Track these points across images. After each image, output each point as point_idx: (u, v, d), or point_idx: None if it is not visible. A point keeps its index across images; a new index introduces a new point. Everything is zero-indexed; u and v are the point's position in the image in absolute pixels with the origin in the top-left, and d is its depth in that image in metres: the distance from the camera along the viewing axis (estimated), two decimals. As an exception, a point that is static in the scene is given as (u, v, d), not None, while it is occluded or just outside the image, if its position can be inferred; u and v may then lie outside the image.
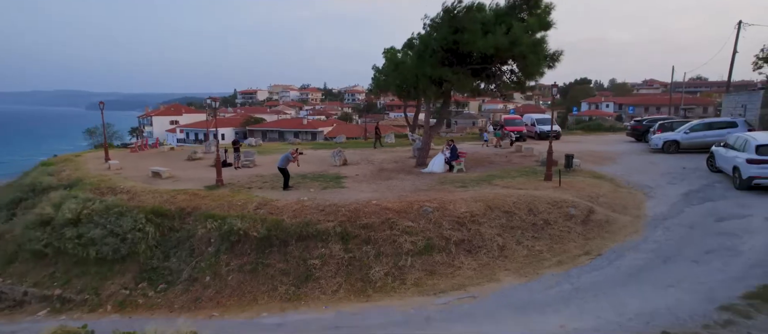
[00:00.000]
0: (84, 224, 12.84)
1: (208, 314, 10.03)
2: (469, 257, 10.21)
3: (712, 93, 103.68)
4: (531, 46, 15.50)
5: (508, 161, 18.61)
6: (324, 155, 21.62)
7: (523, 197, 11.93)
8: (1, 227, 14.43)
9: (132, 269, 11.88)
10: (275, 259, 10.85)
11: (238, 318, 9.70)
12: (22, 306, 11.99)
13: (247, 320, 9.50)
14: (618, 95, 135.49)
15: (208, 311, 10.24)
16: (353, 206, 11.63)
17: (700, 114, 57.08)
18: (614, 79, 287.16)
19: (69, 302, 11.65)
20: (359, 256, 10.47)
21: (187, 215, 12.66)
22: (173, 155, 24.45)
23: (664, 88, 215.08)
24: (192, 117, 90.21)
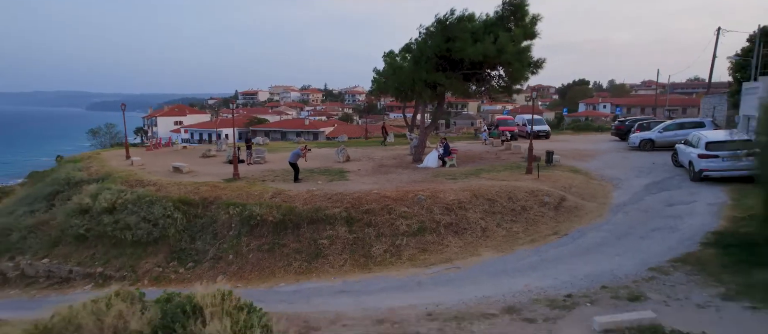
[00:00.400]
0: (119, 211, 14.66)
1: (233, 286, 11.80)
2: (456, 237, 12.00)
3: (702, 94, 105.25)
4: (516, 54, 17.32)
5: (498, 158, 20.43)
6: (328, 153, 23.42)
7: (505, 187, 13.73)
8: (44, 215, 16.23)
9: (163, 250, 13.67)
10: (289, 239, 12.64)
11: (259, 288, 11.48)
12: (69, 282, 13.79)
13: (267, 289, 11.28)
14: (615, 96, 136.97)
15: (232, 283, 11.97)
16: (356, 195, 13.43)
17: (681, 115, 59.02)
18: (613, 80, 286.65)
19: (110, 278, 13.45)
20: (362, 236, 12.26)
21: (209, 204, 14.45)
22: (186, 153, 26.25)
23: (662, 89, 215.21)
24: (195, 118, 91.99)
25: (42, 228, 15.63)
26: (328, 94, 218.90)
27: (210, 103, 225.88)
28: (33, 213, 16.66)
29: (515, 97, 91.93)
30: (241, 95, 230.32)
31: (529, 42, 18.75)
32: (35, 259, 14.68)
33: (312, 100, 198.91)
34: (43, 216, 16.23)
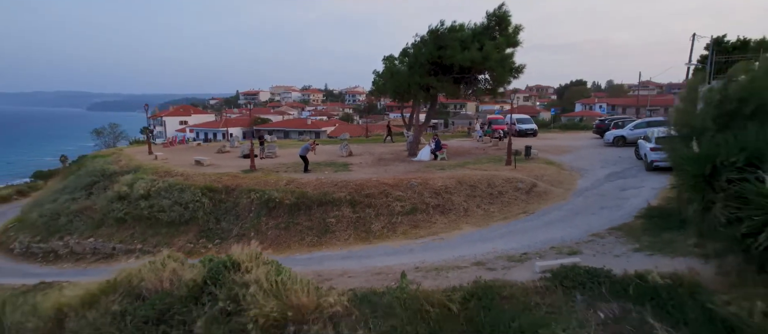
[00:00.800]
0: (154, 197, 17.03)
1: (256, 257, 14.16)
2: (442, 216, 14.36)
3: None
4: (499, 61, 19.69)
5: (485, 152, 22.80)
6: (332, 149, 25.81)
7: (486, 175, 16.09)
8: (86, 202, 18.60)
9: (193, 229, 16.03)
10: (302, 219, 15.01)
11: (278, 258, 13.83)
12: (113, 257, 16.15)
13: (284, 258, 13.62)
14: (612, 96, 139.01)
15: (255, 255, 14.36)
16: (358, 182, 15.80)
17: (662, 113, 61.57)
18: (612, 81, 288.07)
19: (148, 253, 15.77)
20: (363, 216, 14.63)
21: (232, 191, 16.82)
22: (202, 149, 28.64)
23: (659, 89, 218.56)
24: (200, 118, 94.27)
25: (85, 212, 18.01)
26: (328, 95, 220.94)
27: (211, 103, 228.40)
28: (75, 200, 19.04)
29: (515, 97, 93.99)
30: (243, 95, 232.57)
31: (512, 49, 21.14)
32: (82, 238, 17.06)
33: (313, 100, 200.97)
34: (85, 202, 18.61)
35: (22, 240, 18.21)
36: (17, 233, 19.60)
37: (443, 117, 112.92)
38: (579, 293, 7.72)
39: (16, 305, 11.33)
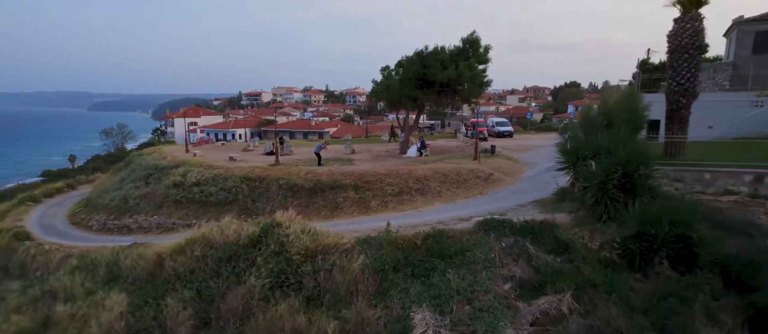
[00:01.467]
0: (203, 184, 22.34)
1: (285, 226, 19.43)
2: (421, 196, 19.65)
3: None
4: (471, 77, 25.00)
5: (462, 151, 28.10)
6: (338, 147, 31.13)
7: (455, 167, 21.40)
8: (146, 189, 23.92)
9: (235, 208, 21.30)
10: (318, 199, 20.29)
11: (301, 227, 19.10)
12: (173, 230, 21.41)
13: (307, 227, 18.89)
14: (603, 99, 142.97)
15: (283, 225, 19.63)
16: (360, 172, 21.09)
17: None
18: (608, 82, 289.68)
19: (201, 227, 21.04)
20: (364, 197, 19.90)
21: (263, 179, 22.10)
22: (227, 147, 33.98)
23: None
24: (208, 119, 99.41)
25: (148, 197, 23.31)
26: (329, 95, 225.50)
27: (215, 104, 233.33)
28: (137, 188, 24.36)
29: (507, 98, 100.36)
30: (245, 96, 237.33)
31: (483, 66, 26.47)
32: (147, 216, 22.37)
33: (314, 101, 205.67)
34: (146, 189, 23.93)
35: (98, 219, 23.54)
36: (89, 214, 24.96)
37: (441, 118, 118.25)
38: (492, 233, 13.05)
39: (126, 254, 16.67)
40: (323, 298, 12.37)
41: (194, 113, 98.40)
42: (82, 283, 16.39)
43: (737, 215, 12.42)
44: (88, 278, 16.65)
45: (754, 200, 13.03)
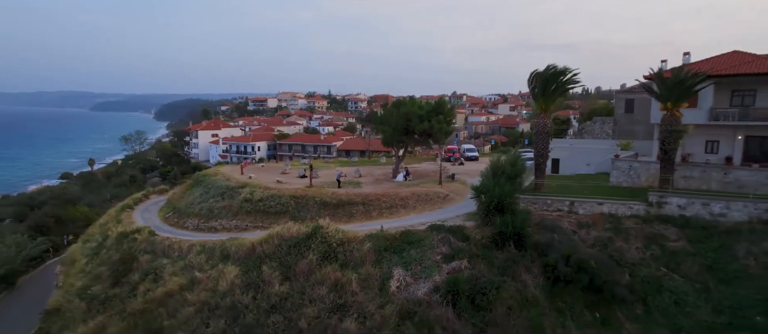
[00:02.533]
0: (265, 200, 35.02)
1: (319, 227, 32.19)
2: (402, 209, 32.36)
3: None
4: (439, 130, 37.73)
5: (436, 173, 40.79)
6: (348, 171, 43.85)
7: (425, 190, 34.13)
8: (224, 202, 36.60)
9: (287, 216, 33.94)
10: (340, 211, 32.96)
11: (330, 228, 31.86)
12: (247, 230, 34.05)
13: (334, 228, 31.66)
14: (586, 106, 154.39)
15: (318, 227, 32.38)
16: (366, 193, 33.85)
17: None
18: (600, 87, 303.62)
19: (266, 228, 33.76)
20: (368, 209, 32.61)
21: (303, 197, 34.77)
22: (268, 169, 46.73)
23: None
24: (227, 131, 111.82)
25: (226, 208, 35.98)
26: (332, 101, 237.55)
27: (223, 109, 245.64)
28: (217, 201, 37.00)
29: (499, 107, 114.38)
30: (252, 102, 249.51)
31: (450, 118, 39.21)
32: (228, 221, 35.03)
33: (318, 107, 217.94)
34: (224, 202, 36.62)
35: (192, 222, 36.23)
36: (180, 218, 37.64)
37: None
38: (435, 231, 25.84)
39: (230, 243, 29.33)
40: (349, 264, 25.01)
41: (214, 125, 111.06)
42: (207, 260, 29.08)
43: (553, 222, 25.11)
44: (209, 257, 29.32)
45: (568, 215, 25.74)
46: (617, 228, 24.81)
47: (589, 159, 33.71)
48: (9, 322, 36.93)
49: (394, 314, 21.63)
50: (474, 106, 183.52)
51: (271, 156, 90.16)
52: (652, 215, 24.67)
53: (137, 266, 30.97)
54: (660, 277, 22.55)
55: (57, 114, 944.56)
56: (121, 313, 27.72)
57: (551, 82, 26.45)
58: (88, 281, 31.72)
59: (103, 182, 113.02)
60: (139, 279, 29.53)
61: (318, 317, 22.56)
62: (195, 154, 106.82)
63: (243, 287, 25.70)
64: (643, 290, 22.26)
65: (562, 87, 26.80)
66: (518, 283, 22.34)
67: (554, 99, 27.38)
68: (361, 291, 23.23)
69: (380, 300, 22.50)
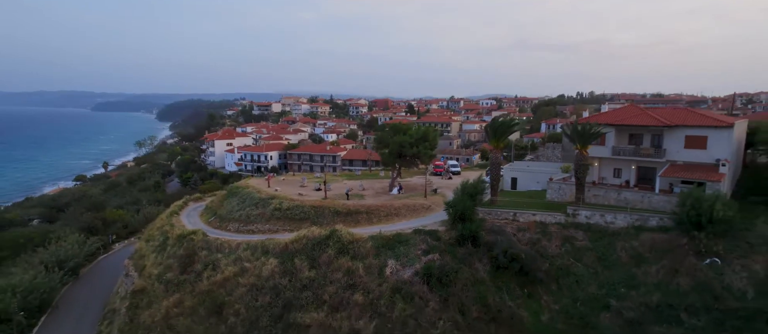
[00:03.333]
0: (291, 209, 46.11)
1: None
2: (396, 217, 43.45)
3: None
4: (425, 154, 48.89)
5: (423, 188, 51.88)
6: (353, 184, 54.97)
7: (413, 202, 45.25)
8: (258, 211, 47.67)
9: (308, 222, 44.97)
10: (349, 218, 44.03)
11: (341, 231, 42.97)
12: (277, 232, 45.11)
13: (344, 231, 42.78)
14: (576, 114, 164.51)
15: (333, 230, 43.48)
16: (368, 203, 45.00)
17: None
18: (593, 92, 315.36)
19: (294, 231, 44.82)
20: (370, 217, 43.70)
21: (321, 207, 45.86)
22: (288, 182, 57.82)
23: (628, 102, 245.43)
24: (241, 140, 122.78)
25: (260, 215, 47.04)
26: (334, 106, 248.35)
27: (229, 114, 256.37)
28: (253, 210, 48.04)
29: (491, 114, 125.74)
30: (256, 106, 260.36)
31: (434, 144, 50.33)
32: (262, 225, 46.07)
33: (320, 112, 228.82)
34: (258, 211, 47.70)
35: (233, 225, 47.28)
36: (222, 223, 48.73)
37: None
38: (417, 233, 37.05)
39: (269, 242, 40.58)
40: (357, 257, 36.04)
41: (228, 135, 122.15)
42: (252, 254, 40.14)
43: (499, 227, 36.13)
44: (253, 252, 40.35)
45: (511, 222, 36.78)
46: (544, 231, 35.88)
47: (538, 179, 44.50)
48: (81, 302, 48.61)
49: (388, 290, 32.67)
50: (470, 112, 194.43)
51: (282, 164, 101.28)
52: (569, 222, 35.71)
53: (198, 259, 41.98)
54: (569, 265, 33.63)
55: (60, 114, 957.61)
56: (191, 292, 38.79)
57: (500, 129, 37.53)
58: (161, 270, 42.75)
59: (126, 186, 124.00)
60: (201, 268, 40.56)
61: (336, 292, 33.63)
62: (211, 161, 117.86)
63: (281, 273, 36.71)
64: (556, 274, 33.34)
65: (508, 131, 37.82)
66: (472, 269, 33.46)
67: (503, 139, 38.40)
68: (366, 275, 34.27)
69: (379, 281, 33.56)
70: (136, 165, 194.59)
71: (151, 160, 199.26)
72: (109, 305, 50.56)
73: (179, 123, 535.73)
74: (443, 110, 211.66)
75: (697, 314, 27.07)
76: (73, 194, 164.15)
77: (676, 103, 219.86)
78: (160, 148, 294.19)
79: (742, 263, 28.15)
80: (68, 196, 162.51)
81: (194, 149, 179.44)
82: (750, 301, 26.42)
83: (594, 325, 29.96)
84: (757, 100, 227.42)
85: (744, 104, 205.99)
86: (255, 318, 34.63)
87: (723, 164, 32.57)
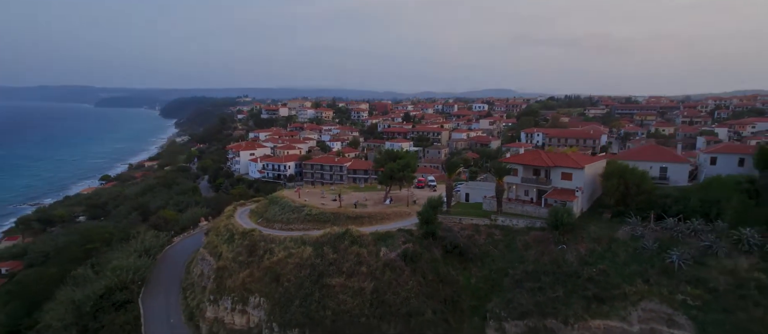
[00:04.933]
0: (317, 214, 70.14)
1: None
2: (387, 220, 67.30)
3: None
4: (408, 177, 72.81)
5: (405, 200, 75.66)
6: (359, 196, 78.94)
7: (399, 210, 69.18)
8: (294, 215, 71.54)
9: (330, 223, 68.81)
10: (357, 221, 67.89)
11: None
12: (309, 230, 68.95)
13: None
14: (551, 126, 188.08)
15: (346, 228, 67.36)
16: (369, 211, 69.07)
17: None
18: (579, 96, 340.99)
19: (320, 229, 68.63)
20: (371, 220, 67.59)
21: (338, 213, 69.80)
22: (311, 193, 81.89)
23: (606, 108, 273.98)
24: (260, 151, 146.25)
25: (296, 218, 70.90)
26: (337, 111, 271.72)
27: (239, 118, 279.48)
28: (291, 214, 71.85)
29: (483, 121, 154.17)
30: (265, 110, 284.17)
31: (415, 169, 74.16)
32: (298, 225, 69.87)
33: (324, 117, 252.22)
34: (294, 215, 71.63)
35: (278, 225, 71.20)
36: (269, 223, 72.74)
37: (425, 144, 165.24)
38: (400, 232, 61.15)
39: (306, 236, 64.96)
40: (362, 246, 59.94)
41: (250, 146, 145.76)
42: (294, 244, 64.15)
43: (450, 227, 59.83)
44: (295, 243, 64.31)
45: (458, 224, 60.53)
46: (476, 230, 59.57)
47: (483, 193, 67.72)
48: (163, 278, 73.92)
49: (381, 265, 56.45)
50: (461, 119, 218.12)
51: (297, 173, 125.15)
52: (492, 224, 59.37)
53: (258, 247, 65.77)
54: (489, 250, 57.34)
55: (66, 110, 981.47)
56: (257, 268, 62.71)
57: (451, 167, 61.20)
58: (233, 254, 66.55)
59: (162, 189, 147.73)
60: (262, 253, 64.41)
61: (350, 266, 57.44)
62: (236, 169, 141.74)
63: (315, 256, 60.57)
64: (481, 256, 57.09)
65: (455, 168, 61.45)
66: (431, 252, 57.30)
67: (454, 172, 61.92)
68: (368, 256, 58.02)
69: (376, 260, 57.34)
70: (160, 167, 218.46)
71: (173, 161, 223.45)
72: (186, 280, 75.27)
73: (185, 121, 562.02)
74: (437, 116, 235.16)
75: (548, 275, 50.86)
76: (108, 194, 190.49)
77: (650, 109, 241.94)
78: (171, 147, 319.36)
79: (575, 248, 51.91)
80: (105, 195, 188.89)
81: (215, 153, 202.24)
82: (574, 267, 50.20)
83: (499, 283, 53.79)
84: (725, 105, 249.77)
85: (711, 111, 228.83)
86: (300, 283, 58.49)
87: (578, 190, 56.10)
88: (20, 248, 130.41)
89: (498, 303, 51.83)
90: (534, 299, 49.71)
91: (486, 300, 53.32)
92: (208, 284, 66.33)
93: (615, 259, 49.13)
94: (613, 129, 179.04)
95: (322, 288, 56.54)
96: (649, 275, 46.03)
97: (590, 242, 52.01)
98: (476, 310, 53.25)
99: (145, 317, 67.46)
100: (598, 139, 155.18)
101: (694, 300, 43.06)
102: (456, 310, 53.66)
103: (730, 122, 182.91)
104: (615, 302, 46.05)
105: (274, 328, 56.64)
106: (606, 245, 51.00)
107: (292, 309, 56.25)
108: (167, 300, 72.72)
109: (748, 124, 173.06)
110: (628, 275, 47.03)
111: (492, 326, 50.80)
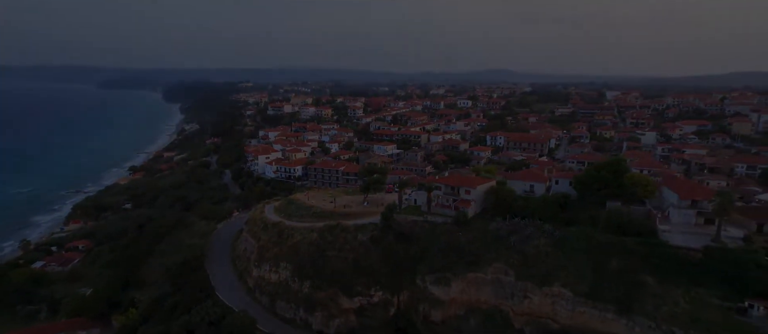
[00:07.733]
0: (320, 213, 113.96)
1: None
2: (364, 216, 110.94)
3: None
4: (380, 185, 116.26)
5: (380, 200, 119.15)
6: (347, 199, 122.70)
7: (372, 209, 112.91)
8: (306, 212, 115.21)
9: (329, 218, 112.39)
10: (346, 217, 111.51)
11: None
12: (316, 223, 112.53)
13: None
14: (512, 130, 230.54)
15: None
16: (354, 210, 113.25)
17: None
18: (559, 86, 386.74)
19: (323, 222, 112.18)
20: (355, 215, 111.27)
21: (333, 211, 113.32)
22: (315, 196, 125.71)
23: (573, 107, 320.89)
24: (274, 155, 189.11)
25: (312, 214, 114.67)
26: (335, 109, 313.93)
27: (248, 114, 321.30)
28: (307, 212, 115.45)
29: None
30: (271, 107, 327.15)
31: (386, 177, 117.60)
32: (308, 219, 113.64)
33: (324, 115, 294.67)
34: (306, 212, 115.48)
35: (295, 219, 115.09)
36: (290, 217, 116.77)
37: (406, 147, 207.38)
38: (370, 224, 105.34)
39: (313, 226, 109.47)
40: (348, 232, 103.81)
41: (264, 151, 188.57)
42: (308, 231, 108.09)
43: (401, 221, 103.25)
44: (308, 230, 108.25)
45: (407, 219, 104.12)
46: (415, 223, 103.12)
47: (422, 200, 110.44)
48: (215, 254, 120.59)
49: (358, 244, 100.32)
50: (441, 120, 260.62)
51: (304, 174, 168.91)
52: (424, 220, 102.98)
53: (285, 233, 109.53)
54: (421, 235, 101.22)
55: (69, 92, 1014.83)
56: (285, 246, 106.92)
57: (369, 182, 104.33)
58: (268, 237, 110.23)
59: (196, 185, 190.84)
60: (287, 236, 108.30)
61: (341, 245, 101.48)
62: (255, 169, 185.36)
63: (319, 239, 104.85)
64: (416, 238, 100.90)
65: (374, 182, 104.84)
66: (388, 237, 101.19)
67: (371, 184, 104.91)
68: (351, 239, 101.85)
69: (356, 241, 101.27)
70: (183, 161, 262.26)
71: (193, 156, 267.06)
72: (233, 253, 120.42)
73: (190, 107, 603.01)
74: (422, 115, 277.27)
75: (451, 249, 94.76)
76: (146, 185, 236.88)
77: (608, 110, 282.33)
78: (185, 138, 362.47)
79: (467, 234, 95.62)
80: (142, 186, 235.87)
81: (231, 149, 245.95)
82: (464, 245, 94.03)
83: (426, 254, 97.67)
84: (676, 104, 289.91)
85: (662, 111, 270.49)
86: (310, 254, 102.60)
87: (472, 202, 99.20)
88: (87, 231, 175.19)
89: (424, 265, 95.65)
90: (442, 263, 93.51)
91: (419, 264, 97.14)
92: (252, 256, 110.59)
93: (484, 239, 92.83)
94: (565, 131, 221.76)
95: (323, 257, 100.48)
96: (498, 249, 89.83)
97: (474, 231, 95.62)
98: (412, 270, 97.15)
99: (212, 276, 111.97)
100: (547, 142, 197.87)
101: (516, 261, 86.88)
102: (401, 270, 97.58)
103: (667, 124, 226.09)
104: (480, 263, 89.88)
105: (295, 280, 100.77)
106: (482, 233, 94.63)
107: (306, 270, 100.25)
108: (222, 267, 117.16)
109: (677, 128, 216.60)
110: (488, 249, 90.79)
111: (420, 278, 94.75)
